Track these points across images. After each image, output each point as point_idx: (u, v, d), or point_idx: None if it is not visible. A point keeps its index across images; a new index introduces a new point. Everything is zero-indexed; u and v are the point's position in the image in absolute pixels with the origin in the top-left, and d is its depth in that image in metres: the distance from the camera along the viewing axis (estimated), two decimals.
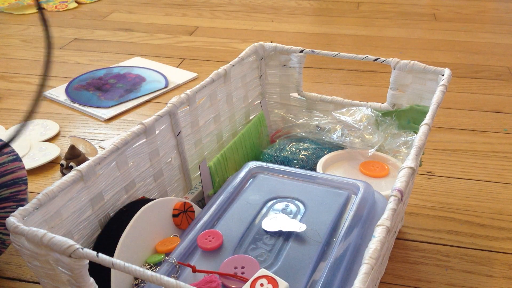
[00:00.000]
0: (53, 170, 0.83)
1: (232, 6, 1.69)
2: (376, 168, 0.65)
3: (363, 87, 1.12)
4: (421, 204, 0.74)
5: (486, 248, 0.66)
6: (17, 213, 0.39)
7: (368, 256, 0.36)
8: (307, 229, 0.49)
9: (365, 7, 1.68)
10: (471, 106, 1.02)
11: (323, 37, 1.43)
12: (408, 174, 0.44)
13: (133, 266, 0.33)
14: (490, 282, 0.61)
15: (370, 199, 0.53)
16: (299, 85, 0.74)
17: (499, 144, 0.89)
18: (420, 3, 1.71)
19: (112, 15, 1.60)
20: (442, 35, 1.42)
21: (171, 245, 0.50)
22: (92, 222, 0.49)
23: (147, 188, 0.56)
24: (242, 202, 0.54)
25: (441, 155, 0.86)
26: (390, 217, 0.39)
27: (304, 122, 0.73)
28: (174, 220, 0.53)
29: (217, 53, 1.31)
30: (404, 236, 0.68)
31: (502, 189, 0.77)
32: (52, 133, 0.93)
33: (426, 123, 0.52)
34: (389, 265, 0.63)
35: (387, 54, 1.28)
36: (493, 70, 1.19)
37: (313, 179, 0.57)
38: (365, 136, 0.67)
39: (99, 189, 0.49)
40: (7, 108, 1.03)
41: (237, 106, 0.71)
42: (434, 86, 0.62)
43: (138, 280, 0.47)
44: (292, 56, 0.72)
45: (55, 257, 0.37)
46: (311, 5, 1.72)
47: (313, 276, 0.44)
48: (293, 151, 0.68)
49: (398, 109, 0.68)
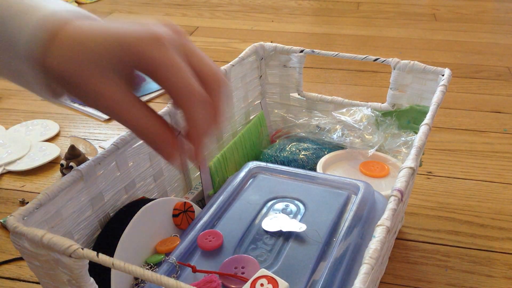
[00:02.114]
0: (53, 170, 0.83)
1: (232, 6, 1.69)
2: (376, 168, 0.65)
3: (363, 87, 1.12)
4: (421, 204, 0.74)
5: (486, 248, 0.66)
6: (17, 213, 0.39)
7: (368, 256, 0.36)
8: (307, 229, 0.49)
9: (365, 7, 1.68)
10: (471, 106, 1.02)
11: (323, 37, 1.43)
12: (408, 174, 0.44)
13: (133, 266, 0.33)
14: (490, 282, 0.61)
15: (370, 199, 0.53)
16: (299, 85, 0.74)
17: (499, 144, 0.89)
18: (420, 3, 1.71)
19: (112, 15, 1.60)
20: (442, 35, 1.42)
21: (171, 245, 0.50)
22: (92, 222, 0.49)
23: (147, 188, 0.56)
24: (242, 202, 0.54)
25: (441, 155, 0.86)
26: (390, 217, 0.39)
27: (304, 122, 0.73)
28: (174, 220, 0.53)
29: (217, 53, 1.31)
30: (404, 236, 0.68)
31: (502, 189, 0.77)
32: (52, 133, 0.93)
33: (426, 123, 0.52)
34: (389, 265, 0.63)
35: (387, 54, 1.28)
36: (493, 70, 1.19)
37: (313, 179, 0.57)
38: (365, 136, 0.67)
39: (99, 189, 0.49)
40: (7, 108, 1.03)
41: (237, 106, 0.71)
42: (434, 86, 0.62)
43: (138, 280, 0.47)
44: (292, 56, 0.72)
45: (55, 257, 0.37)
46: (311, 5, 1.72)
47: (313, 276, 0.44)
48: (293, 151, 0.68)
49: (398, 109, 0.68)
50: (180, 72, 0.37)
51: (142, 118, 0.38)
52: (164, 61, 0.36)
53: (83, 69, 0.37)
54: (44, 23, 0.38)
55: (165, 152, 0.39)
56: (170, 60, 0.37)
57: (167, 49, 0.37)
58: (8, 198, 0.76)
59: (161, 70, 0.37)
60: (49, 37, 0.37)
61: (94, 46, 0.37)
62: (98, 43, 0.37)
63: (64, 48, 0.37)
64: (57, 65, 0.37)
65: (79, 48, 0.37)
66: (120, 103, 0.38)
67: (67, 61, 0.37)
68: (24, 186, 0.79)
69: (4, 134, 0.93)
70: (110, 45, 0.37)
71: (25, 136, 0.92)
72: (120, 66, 0.37)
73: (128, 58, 0.37)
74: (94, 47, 0.37)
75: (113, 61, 0.37)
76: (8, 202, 0.76)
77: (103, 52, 0.37)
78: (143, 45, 0.36)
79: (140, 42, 0.36)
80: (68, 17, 0.39)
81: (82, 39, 0.37)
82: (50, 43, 0.37)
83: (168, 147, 0.39)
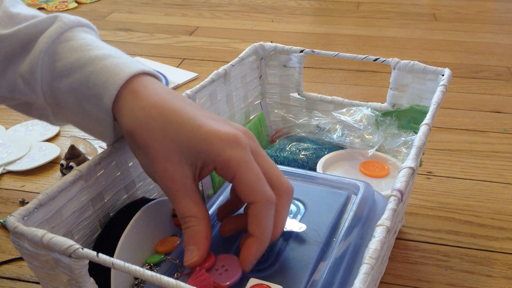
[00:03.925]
0: (53, 170, 0.83)
1: (232, 6, 1.69)
2: (376, 168, 0.65)
3: (363, 87, 1.12)
4: (421, 204, 0.74)
5: (486, 248, 0.66)
6: (17, 213, 0.39)
7: (368, 256, 0.36)
8: (307, 229, 0.49)
9: (365, 7, 1.68)
10: (471, 106, 1.02)
11: (323, 37, 1.43)
12: (408, 174, 0.44)
13: (133, 266, 0.33)
14: (490, 282, 0.61)
15: (370, 199, 0.53)
16: (299, 85, 0.74)
17: (499, 144, 0.89)
18: (420, 3, 1.71)
19: (112, 15, 1.60)
20: (442, 35, 1.42)
21: (171, 245, 0.50)
22: (92, 222, 0.49)
23: (147, 188, 0.56)
24: None
25: (441, 155, 0.86)
26: (390, 217, 0.39)
27: (304, 122, 0.73)
28: (174, 220, 0.53)
29: (217, 53, 1.31)
30: (404, 236, 0.68)
31: (502, 189, 0.77)
32: (52, 133, 0.93)
33: (426, 123, 0.52)
34: (389, 265, 0.63)
35: (387, 54, 1.28)
36: (493, 70, 1.19)
37: (313, 179, 0.57)
38: (365, 136, 0.67)
39: (99, 189, 0.49)
40: (7, 108, 1.03)
41: (237, 106, 0.71)
42: (434, 86, 0.62)
43: (138, 280, 0.47)
44: (292, 56, 0.72)
45: (55, 257, 0.37)
46: (311, 5, 1.72)
47: (313, 276, 0.44)
48: (293, 151, 0.68)
49: (398, 109, 0.68)
50: (255, 173, 0.40)
51: (191, 210, 0.41)
52: (241, 162, 0.39)
53: (156, 138, 0.40)
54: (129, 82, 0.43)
55: (189, 252, 0.41)
56: (247, 162, 0.40)
57: (246, 151, 0.40)
58: (8, 198, 0.76)
59: (238, 170, 0.39)
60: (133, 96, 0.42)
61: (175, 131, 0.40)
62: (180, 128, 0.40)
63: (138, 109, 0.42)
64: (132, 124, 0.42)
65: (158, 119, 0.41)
66: (177, 187, 0.41)
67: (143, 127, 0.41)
68: (24, 186, 0.79)
69: (4, 134, 0.93)
70: (193, 139, 0.40)
71: (25, 136, 0.92)
72: (194, 157, 0.40)
73: (205, 155, 0.40)
74: (176, 132, 0.40)
75: (192, 151, 0.40)
76: (8, 202, 0.76)
77: (184, 140, 0.40)
78: (224, 145, 0.39)
79: (222, 143, 0.39)
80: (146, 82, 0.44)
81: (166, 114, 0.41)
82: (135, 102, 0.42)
83: (195, 249, 0.41)
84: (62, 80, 0.44)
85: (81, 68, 0.43)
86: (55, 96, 0.45)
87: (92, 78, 0.43)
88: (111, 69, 0.43)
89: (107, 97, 0.42)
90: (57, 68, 0.44)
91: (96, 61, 0.43)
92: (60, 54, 0.44)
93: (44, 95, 0.46)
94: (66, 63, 0.44)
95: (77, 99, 0.44)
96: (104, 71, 0.43)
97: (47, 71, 0.44)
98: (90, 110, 0.44)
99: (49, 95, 0.45)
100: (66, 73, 0.44)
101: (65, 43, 0.45)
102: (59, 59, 0.44)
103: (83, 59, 0.43)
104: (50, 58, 0.44)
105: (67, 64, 0.44)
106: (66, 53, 0.44)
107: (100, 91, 0.42)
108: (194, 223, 0.41)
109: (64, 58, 0.44)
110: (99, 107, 0.43)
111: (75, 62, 0.44)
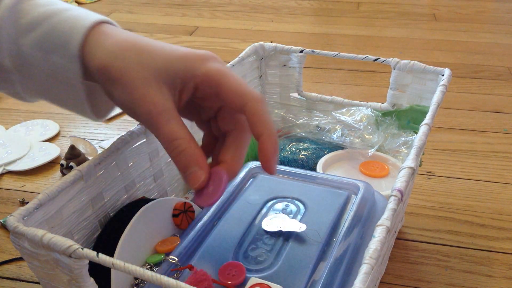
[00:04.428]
0: (53, 170, 0.83)
1: (232, 6, 1.69)
2: (376, 168, 0.65)
3: (363, 87, 1.12)
4: (421, 204, 0.74)
5: (486, 248, 0.66)
6: (17, 213, 0.39)
7: (368, 256, 0.36)
8: (307, 229, 0.49)
9: (365, 7, 1.68)
10: (471, 106, 1.02)
11: (323, 37, 1.43)
12: (408, 174, 0.44)
13: (133, 266, 0.33)
14: (490, 282, 0.61)
15: (370, 199, 0.53)
16: (299, 85, 0.74)
17: (499, 144, 0.89)
18: (420, 3, 1.71)
19: (112, 15, 1.60)
20: (442, 35, 1.42)
21: (171, 245, 0.50)
22: (92, 222, 0.49)
23: (147, 188, 0.56)
24: (242, 202, 0.54)
25: (441, 155, 0.86)
26: (390, 217, 0.39)
27: (304, 122, 0.73)
28: (174, 220, 0.53)
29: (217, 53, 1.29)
30: (404, 236, 0.68)
31: (502, 189, 0.77)
32: (52, 133, 0.93)
33: (426, 123, 0.52)
34: (389, 265, 0.63)
35: (387, 54, 1.28)
36: (493, 70, 1.19)
37: (313, 179, 0.57)
38: (365, 136, 0.67)
39: (99, 189, 0.49)
40: (7, 108, 1.03)
41: None
42: (434, 86, 0.62)
43: (138, 280, 0.47)
44: (292, 56, 0.72)
45: (55, 257, 0.37)
46: (311, 5, 1.72)
47: (313, 276, 0.44)
48: (293, 151, 0.68)
49: (398, 109, 0.68)
50: (238, 78, 0.42)
51: (179, 132, 0.40)
52: (221, 70, 0.41)
53: (132, 67, 0.40)
54: (96, 27, 0.42)
55: (193, 174, 0.41)
56: (228, 70, 0.42)
57: (222, 63, 0.43)
58: (8, 198, 0.76)
59: (221, 77, 0.41)
60: (102, 37, 0.42)
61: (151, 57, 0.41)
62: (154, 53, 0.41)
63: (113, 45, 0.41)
64: (108, 60, 0.41)
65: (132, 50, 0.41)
66: (160, 110, 0.40)
67: (118, 59, 0.41)
68: (24, 186, 0.79)
69: (4, 134, 0.93)
70: (169, 60, 0.41)
71: (25, 136, 0.92)
72: (172, 78, 0.41)
73: (183, 73, 0.41)
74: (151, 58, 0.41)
75: (169, 72, 0.41)
76: (8, 202, 0.76)
77: (160, 64, 0.41)
78: (201, 60, 0.41)
79: (199, 58, 0.41)
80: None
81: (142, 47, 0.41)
82: (102, 41, 0.41)
83: (198, 169, 0.41)
84: (28, 35, 0.43)
85: (47, 19, 0.43)
86: (21, 54, 0.44)
87: (58, 27, 0.42)
88: (77, 17, 0.42)
89: (75, 41, 0.41)
90: (23, 25, 0.43)
91: (61, 12, 0.43)
92: (24, 10, 0.43)
93: (10, 54, 0.44)
94: (32, 18, 0.43)
95: (44, 52, 0.43)
96: (70, 19, 0.42)
97: (12, 28, 0.43)
98: (57, 62, 0.43)
99: (15, 53, 0.44)
100: (31, 27, 0.43)
101: (30, 1, 0.44)
102: (24, 15, 0.43)
103: (48, 12, 0.43)
104: (14, 15, 0.43)
105: (33, 18, 0.43)
106: (31, 9, 0.43)
107: (66, 38, 0.42)
108: (186, 145, 0.40)
109: (30, 14, 0.43)
110: (66, 55, 0.42)
111: (40, 16, 0.43)
